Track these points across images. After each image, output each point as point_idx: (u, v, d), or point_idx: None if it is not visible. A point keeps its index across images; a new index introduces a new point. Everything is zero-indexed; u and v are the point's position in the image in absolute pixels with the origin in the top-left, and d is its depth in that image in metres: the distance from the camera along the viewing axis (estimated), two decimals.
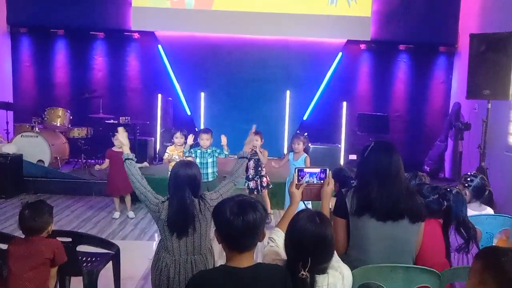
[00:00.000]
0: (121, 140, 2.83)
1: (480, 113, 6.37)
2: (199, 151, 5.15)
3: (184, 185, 2.51)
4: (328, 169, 2.42)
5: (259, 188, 5.34)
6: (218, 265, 1.82)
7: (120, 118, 6.79)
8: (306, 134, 5.43)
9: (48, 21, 7.99)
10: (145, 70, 8.37)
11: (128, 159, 2.66)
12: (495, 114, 5.86)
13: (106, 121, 7.00)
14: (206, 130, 5.28)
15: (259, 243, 1.78)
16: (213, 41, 8.15)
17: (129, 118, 6.88)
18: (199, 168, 2.72)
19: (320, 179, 2.37)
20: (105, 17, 7.99)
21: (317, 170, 2.39)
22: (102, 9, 7.97)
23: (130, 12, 8.01)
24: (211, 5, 7.97)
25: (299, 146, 5.15)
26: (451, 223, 2.49)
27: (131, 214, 5.55)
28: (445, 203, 2.49)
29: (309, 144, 7.66)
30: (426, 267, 2.08)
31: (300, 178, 2.36)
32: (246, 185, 5.41)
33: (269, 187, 5.43)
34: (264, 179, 5.37)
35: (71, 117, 7.28)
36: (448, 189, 2.60)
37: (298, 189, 2.35)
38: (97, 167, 5.74)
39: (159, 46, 8.22)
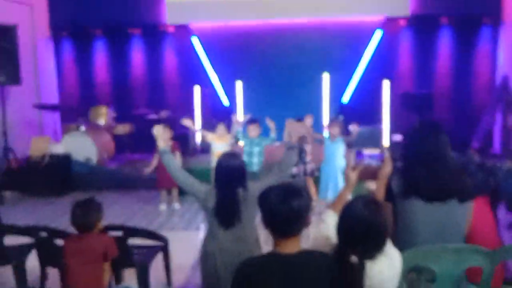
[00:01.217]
0: (156, 133, 2.85)
1: None
2: (247, 139, 5.17)
3: (229, 176, 2.54)
4: (386, 151, 2.38)
5: (301, 174, 5.30)
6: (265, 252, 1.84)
7: (161, 112, 6.92)
8: (341, 117, 5.34)
9: (86, 21, 8.25)
10: (182, 63, 8.50)
11: (164, 152, 2.68)
12: None
13: (148, 116, 7.16)
14: (253, 121, 5.24)
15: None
16: (247, 28, 8.13)
17: (169, 111, 7.01)
18: (243, 159, 2.74)
19: (379, 160, 2.35)
20: (141, 13, 8.16)
21: (376, 152, 2.37)
22: (137, 6, 8.14)
23: (165, 6, 8.13)
24: None
25: (335, 131, 5.14)
26: (499, 201, 2.39)
27: (176, 205, 5.68)
28: (493, 181, 2.39)
29: (350, 126, 7.52)
30: (478, 247, 2.01)
31: (358, 160, 2.34)
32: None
33: (314, 174, 5.36)
34: (309, 165, 5.31)
35: (115, 115, 7.50)
36: (498, 165, 2.50)
37: (354, 171, 2.31)
38: (146, 170, 5.73)
39: (194, 37, 8.29)
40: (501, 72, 7.56)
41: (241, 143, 5.04)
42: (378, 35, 8.06)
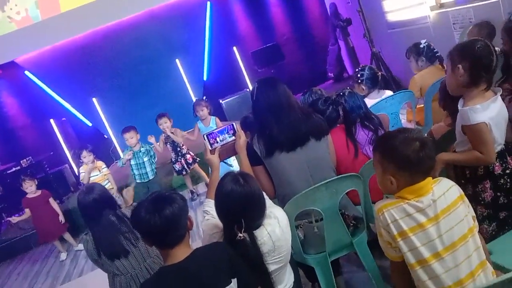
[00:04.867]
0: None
1: (354, 5, 6.60)
2: (130, 151, 4.93)
3: (94, 211, 2.42)
4: (234, 123, 2.41)
5: (186, 167, 5.28)
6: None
7: (21, 161, 6.30)
8: (205, 97, 5.34)
9: None
10: (25, 102, 7.69)
11: None
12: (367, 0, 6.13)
13: (8, 171, 6.47)
14: (126, 129, 4.96)
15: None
16: (80, 42, 7.58)
17: (30, 157, 6.40)
18: (100, 184, 2.61)
19: (231, 134, 2.37)
20: None
21: (224, 126, 2.38)
22: None
23: None
24: (59, 8, 7.33)
25: (204, 112, 5.06)
26: (353, 124, 2.60)
27: (79, 246, 5.31)
28: (340, 108, 2.58)
29: (220, 101, 7.65)
30: (343, 174, 2.18)
31: (212, 141, 2.34)
32: (173, 168, 5.34)
33: (196, 161, 5.37)
34: (188, 156, 5.29)
35: None
36: (340, 94, 2.70)
37: (213, 154, 2.34)
38: (13, 219, 5.28)
39: (26, 72, 7.56)
40: (329, 1, 8.14)
41: (127, 155, 4.81)
42: (208, 6, 8.11)
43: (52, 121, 7.26)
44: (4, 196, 6.77)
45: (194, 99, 7.99)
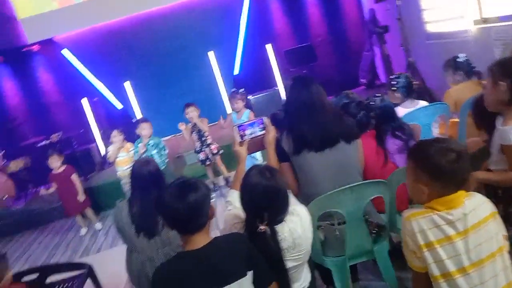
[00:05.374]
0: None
1: (393, 12, 6.50)
2: (140, 144, 4.98)
3: (145, 183, 2.49)
4: (264, 118, 2.42)
5: (210, 156, 5.33)
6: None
7: (52, 136, 6.47)
8: (242, 90, 5.35)
9: None
10: (60, 80, 7.93)
11: None
12: (407, 8, 6.03)
13: (39, 144, 6.68)
14: (143, 120, 5.06)
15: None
16: (118, 26, 7.75)
17: (61, 132, 6.58)
18: (156, 163, 2.68)
19: (261, 128, 2.38)
20: None
21: (254, 120, 2.39)
22: None
23: (20, 26, 7.45)
24: None
25: (238, 104, 5.10)
26: (384, 131, 2.57)
27: (98, 225, 5.44)
28: (372, 114, 2.56)
29: (249, 97, 7.68)
30: (371, 180, 2.17)
31: (242, 133, 2.36)
32: (197, 158, 5.39)
33: (219, 153, 5.41)
34: (213, 146, 5.33)
35: (3, 152, 6.90)
36: (373, 99, 2.68)
37: (242, 146, 2.35)
38: (42, 191, 5.47)
39: (64, 50, 7.75)
40: (367, 7, 8.05)
41: (141, 148, 4.86)
42: (247, 2, 8.12)
43: (84, 100, 7.42)
44: (33, 168, 7.00)
45: (223, 92, 8.06)
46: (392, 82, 3.38)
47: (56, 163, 5.13)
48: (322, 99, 2.31)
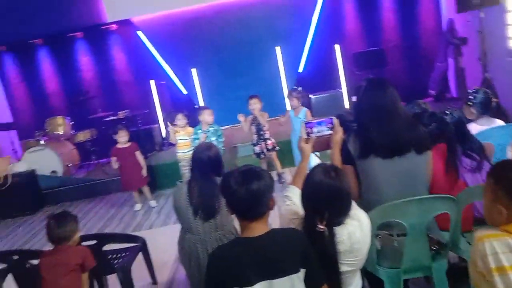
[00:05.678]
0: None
1: (474, 24, 6.19)
2: (199, 131, 5.13)
3: (206, 167, 2.57)
4: (333, 118, 2.39)
5: (265, 151, 5.35)
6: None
7: (119, 112, 6.78)
8: (300, 88, 5.35)
9: (24, 33, 7.87)
10: (132, 60, 8.32)
11: None
12: (490, 22, 5.70)
13: (106, 119, 7.02)
14: (206, 107, 5.28)
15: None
16: (191, 14, 7.97)
17: (128, 110, 6.87)
18: (218, 148, 2.75)
19: (329, 127, 2.35)
20: (79, 15, 7.84)
21: (323, 119, 2.37)
22: (75, 9, 7.81)
23: (102, 4, 7.85)
24: None
25: (294, 102, 5.13)
26: (455, 146, 2.46)
27: (152, 203, 5.63)
28: (444, 127, 2.45)
29: (310, 96, 7.63)
30: (440, 194, 2.08)
31: (309, 130, 2.35)
32: (253, 150, 5.44)
33: (275, 149, 5.42)
34: (269, 141, 5.36)
35: (72, 123, 7.31)
36: (447, 112, 2.57)
37: (307, 143, 2.34)
38: (113, 162, 5.43)
39: (139, 32, 8.09)
40: (446, 16, 7.72)
41: (202, 137, 5.01)
42: (320, 0, 8.04)
43: (152, 82, 7.72)
44: (97, 140, 7.38)
45: (284, 88, 8.06)
46: (469, 97, 3.21)
47: (123, 138, 5.36)
48: (396, 104, 2.23)
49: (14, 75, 8.40)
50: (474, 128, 3.01)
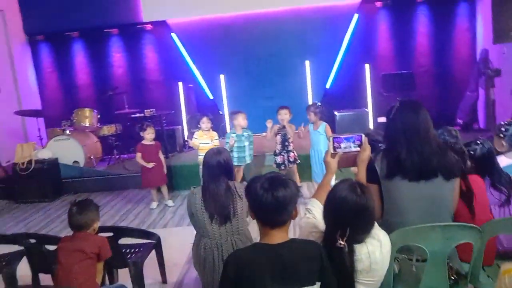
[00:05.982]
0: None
1: (509, 56, 6.10)
2: (234, 134, 5.21)
3: (217, 172, 2.58)
4: (362, 135, 2.38)
5: (286, 163, 5.35)
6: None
7: (145, 111, 6.87)
8: (318, 103, 5.36)
9: (62, 25, 8.11)
10: (163, 60, 8.45)
11: None
12: None
13: (132, 116, 7.12)
14: (241, 112, 5.36)
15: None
16: (225, 21, 8.07)
17: (154, 110, 6.96)
18: (229, 153, 2.76)
19: (357, 144, 2.33)
20: (116, 12, 8.03)
21: (352, 135, 2.36)
22: (113, 5, 8.01)
23: (140, 4, 8.03)
24: None
25: (311, 116, 5.14)
26: (484, 177, 2.42)
27: (169, 202, 5.66)
28: (474, 157, 2.42)
29: (335, 112, 7.61)
30: (465, 223, 2.04)
31: (336, 145, 2.33)
32: (274, 160, 5.44)
33: (296, 162, 5.42)
34: (292, 154, 5.36)
35: (99, 116, 7.44)
36: (477, 142, 2.53)
37: (333, 158, 2.33)
38: (137, 157, 5.46)
39: (173, 34, 8.23)
40: (481, 46, 7.62)
41: (231, 141, 5.08)
42: (355, 18, 8.05)
43: (180, 84, 7.81)
44: (122, 135, 7.48)
45: (311, 102, 8.03)
46: (502, 129, 3.15)
47: (151, 135, 5.43)
48: (428, 127, 2.21)
49: (48, 65, 8.63)
50: (503, 161, 2.95)
